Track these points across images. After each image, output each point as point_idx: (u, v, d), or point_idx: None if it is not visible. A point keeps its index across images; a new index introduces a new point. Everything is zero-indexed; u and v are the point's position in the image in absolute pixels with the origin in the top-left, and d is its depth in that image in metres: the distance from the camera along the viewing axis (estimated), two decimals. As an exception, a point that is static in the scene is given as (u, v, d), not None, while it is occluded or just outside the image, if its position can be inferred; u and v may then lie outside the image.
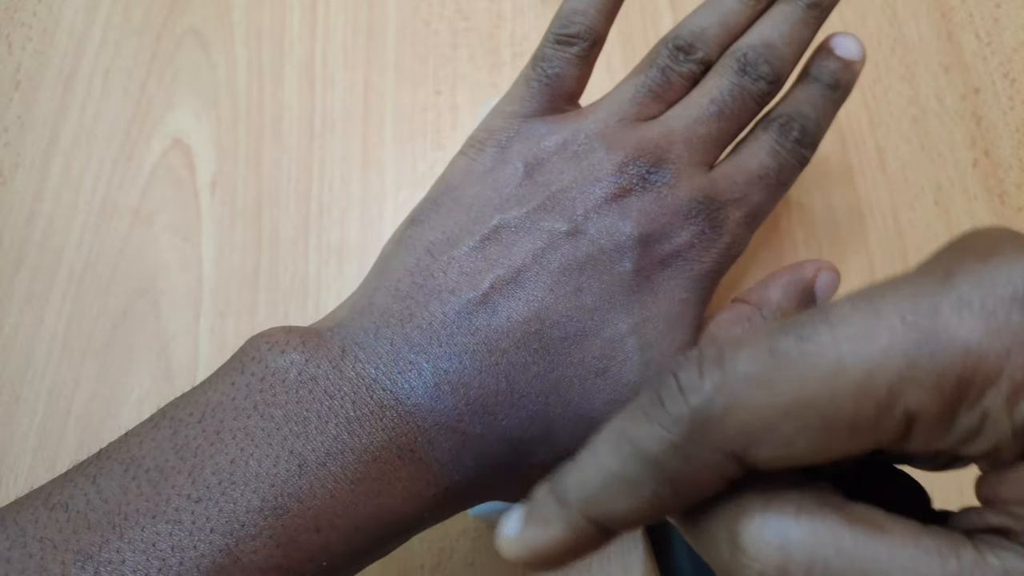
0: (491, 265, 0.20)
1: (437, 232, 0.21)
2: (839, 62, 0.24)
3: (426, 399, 0.18)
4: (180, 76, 0.36)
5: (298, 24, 0.37)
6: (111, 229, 0.33)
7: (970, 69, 0.35)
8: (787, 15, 0.24)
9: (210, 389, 0.18)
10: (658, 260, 0.21)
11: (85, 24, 0.37)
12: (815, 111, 0.24)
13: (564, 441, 0.20)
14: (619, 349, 0.20)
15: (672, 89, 0.23)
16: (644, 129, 0.22)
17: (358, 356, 0.19)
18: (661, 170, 0.22)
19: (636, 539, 0.28)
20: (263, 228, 0.33)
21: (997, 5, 0.36)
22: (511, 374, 0.19)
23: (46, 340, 0.31)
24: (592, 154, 0.22)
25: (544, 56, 0.23)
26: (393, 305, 0.20)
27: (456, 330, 0.19)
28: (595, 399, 0.20)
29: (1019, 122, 0.34)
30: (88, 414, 0.30)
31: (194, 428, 0.17)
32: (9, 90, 0.36)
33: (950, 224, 0.32)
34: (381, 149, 0.35)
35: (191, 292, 0.32)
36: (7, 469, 0.29)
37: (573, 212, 0.21)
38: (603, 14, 0.24)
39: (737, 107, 0.23)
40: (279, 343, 0.19)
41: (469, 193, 0.22)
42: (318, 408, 0.18)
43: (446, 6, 0.37)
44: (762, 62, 0.23)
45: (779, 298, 0.22)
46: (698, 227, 0.22)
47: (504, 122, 0.23)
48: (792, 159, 0.23)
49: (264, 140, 0.35)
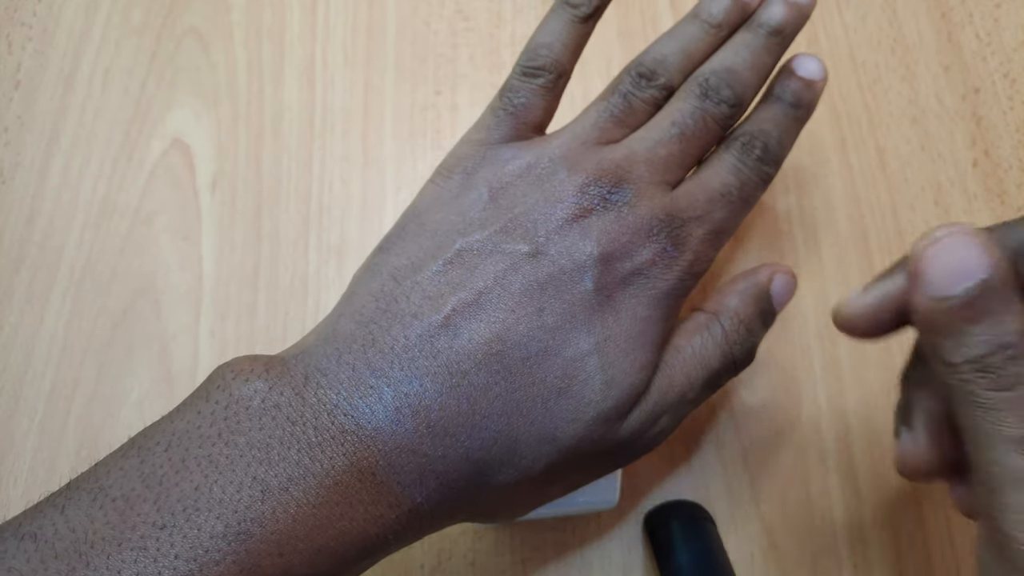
0: (453, 288, 0.20)
1: (402, 258, 0.21)
2: (800, 81, 0.25)
3: (387, 423, 0.19)
4: (180, 76, 0.36)
5: (298, 24, 0.37)
6: (111, 229, 0.33)
7: (970, 69, 0.35)
8: (748, 42, 0.25)
9: (177, 418, 0.19)
10: (619, 279, 0.21)
11: (85, 24, 0.37)
12: (777, 129, 0.24)
13: (528, 461, 0.20)
14: (580, 368, 0.20)
15: (634, 114, 0.24)
16: (606, 151, 0.23)
17: (320, 382, 0.19)
18: (622, 190, 0.22)
19: (636, 539, 0.28)
20: (263, 228, 0.33)
21: (997, 5, 0.36)
22: (472, 395, 0.19)
23: (46, 340, 0.31)
24: (554, 176, 0.22)
25: (511, 87, 0.24)
26: (356, 331, 0.20)
27: (418, 353, 0.20)
28: (558, 418, 0.20)
29: (1019, 122, 0.34)
30: (88, 414, 0.30)
31: (160, 456, 0.18)
32: (9, 89, 0.36)
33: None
34: (381, 149, 0.35)
35: (191, 292, 0.32)
36: (7, 469, 0.29)
37: (535, 233, 0.21)
38: (568, 48, 0.24)
39: (699, 129, 0.23)
40: (243, 372, 0.19)
41: (434, 219, 0.22)
42: (280, 434, 0.18)
43: (446, 6, 0.37)
44: (724, 86, 0.24)
45: (736, 304, 0.23)
46: (660, 245, 0.22)
47: (470, 149, 0.24)
48: (754, 176, 0.24)
49: (264, 140, 0.35)
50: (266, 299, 0.32)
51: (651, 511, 0.28)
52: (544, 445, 0.20)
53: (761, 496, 0.29)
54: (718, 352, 0.22)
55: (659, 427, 0.22)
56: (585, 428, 0.20)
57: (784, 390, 0.30)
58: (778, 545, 0.28)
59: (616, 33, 0.36)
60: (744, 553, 0.28)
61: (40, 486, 0.29)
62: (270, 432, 0.18)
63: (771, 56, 0.25)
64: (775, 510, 0.28)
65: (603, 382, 0.20)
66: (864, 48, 0.36)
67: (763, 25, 0.25)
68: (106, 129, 0.35)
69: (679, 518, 0.27)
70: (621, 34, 0.36)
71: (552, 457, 0.20)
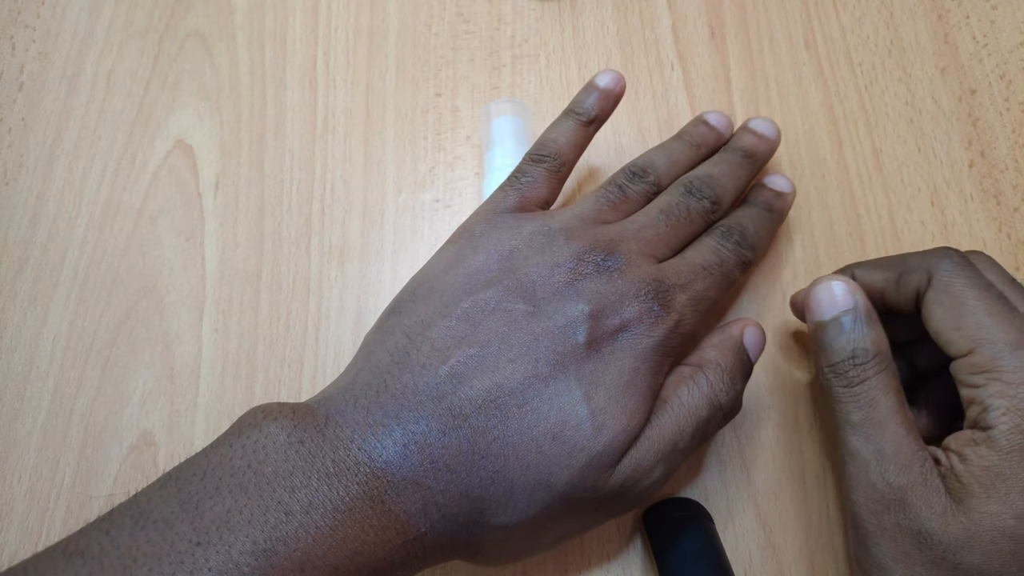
0: (459, 341, 0.23)
1: (414, 317, 0.24)
2: (771, 191, 0.30)
3: (395, 457, 0.21)
4: (183, 78, 0.36)
5: (300, 27, 0.37)
6: (114, 229, 0.34)
7: (966, 71, 0.35)
8: (727, 159, 0.29)
9: (211, 452, 0.21)
10: (608, 333, 0.24)
11: (88, 26, 0.37)
12: (753, 224, 0.28)
13: (523, 504, 0.22)
14: (572, 415, 0.22)
15: (628, 202, 0.27)
16: (602, 228, 0.26)
17: (338, 422, 0.21)
18: (614, 258, 0.25)
19: (634, 536, 0.28)
20: (265, 228, 0.34)
21: (993, 7, 0.36)
22: (472, 437, 0.22)
23: (50, 340, 0.32)
24: (554, 243, 0.25)
25: (520, 170, 0.28)
26: (372, 380, 0.23)
27: (425, 398, 0.22)
28: (551, 463, 0.22)
29: (1015, 123, 0.34)
30: (91, 413, 0.30)
31: (196, 485, 0.20)
32: (13, 91, 0.36)
33: (946, 225, 0.32)
34: (382, 150, 0.35)
35: (194, 292, 0.32)
36: (11, 468, 0.30)
37: (534, 294, 0.24)
38: (571, 144, 0.28)
39: (683, 217, 0.27)
40: (272, 412, 0.21)
41: (444, 280, 0.25)
42: (303, 466, 0.20)
43: (447, 9, 0.38)
44: (705, 187, 0.28)
45: (716, 356, 0.25)
46: (646, 304, 0.24)
47: (481, 218, 0.27)
48: (733, 256, 0.27)
49: (266, 141, 0.35)
50: (268, 299, 0.32)
51: (649, 508, 0.28)
52: (539, 491, 0.22)
53: (759, 494, 0.29)
54: (705, 401, 0.24)
55: (653, 477, 0.23)
56: (578, 473, 0.22)
57: (781, 389, 0.30)
58: (775, 543, 0.28)
59: (616, 33, 0.37)
60: (742, 550, 0.28)
61: (44, 483, 0.29)
62: (294, 464, 0.20)
63: (745, 171, 0.29)
64: (772, 508, 0.29)
65: (593, 427, 0.22)
66: (861, 49, 0.36)
67: (738, 149, 0.30)
68: (109, 131, 0.35)
69: (677, 515, 0.27)
70: (620, 35, 0.37)
71: (546, 502, 0.22)
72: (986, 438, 0.22)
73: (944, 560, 0.22)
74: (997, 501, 0.22)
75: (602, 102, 0.29)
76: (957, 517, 0.22)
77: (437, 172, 0.35)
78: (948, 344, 0.24)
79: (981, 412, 0.23)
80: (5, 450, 0.30)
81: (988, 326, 0.23)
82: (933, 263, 0.25)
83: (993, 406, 0.22)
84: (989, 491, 0.22)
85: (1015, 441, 0.22)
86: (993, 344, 0.23)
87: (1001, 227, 0.32)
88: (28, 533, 0.29)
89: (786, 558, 0.28)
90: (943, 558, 0.22)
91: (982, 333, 0.23)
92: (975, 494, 0.22)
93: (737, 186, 0.29)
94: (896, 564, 0.23)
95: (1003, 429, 0.22)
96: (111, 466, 0.30)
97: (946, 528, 0.22)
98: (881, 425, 0.23)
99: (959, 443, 0.23)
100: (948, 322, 0.24)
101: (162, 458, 0.30)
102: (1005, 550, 0.21)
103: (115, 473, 0.29)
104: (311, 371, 0.31)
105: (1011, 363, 0.23)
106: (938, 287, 0.24)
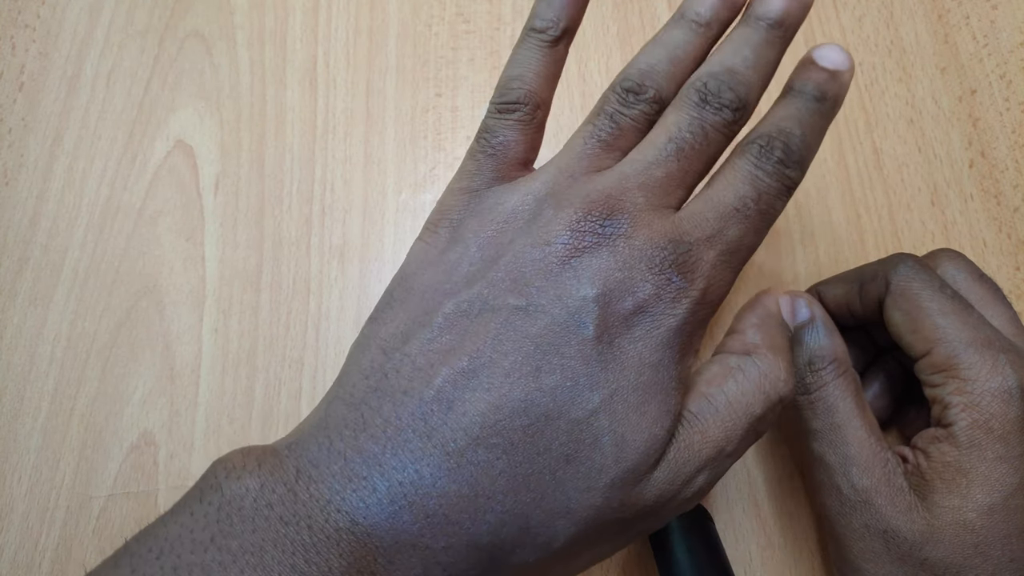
0: (443, 357, 0.19)
1: (390, 327, 0.20)
2: (824, 72, 0.22)
3: (382, 517, 0.17)
4: (183, 78, 0.36)
5: (300, 26, 0.37)
6: (114, 230, 0.34)
7: (966, 70, 0.35)
8: (748, 38, 0.22)
9: (170, 522, 0.17)
10: (621, 321, 0.19)
11: (88, 26, 0.37)
12: (800, 127, 0.21)
13: (544, 539, 0.18)
14: (586, 430, 0.18)
15: (624, 136, 0.22)
16: (595, 181, 0.20)
17: (312, 476, 0.18)
18: (615, 221, 0.20)
19: (636, 537, 0.28)
20: (265, 228, 0.34)
21: (994, 7, 0.36)
22: (473, 476, 0.18)
23: (50, 340, 0.32)
24: (540, 216, 0.20)
25: (487, 127, 0.22)
26: (348, 414, 0.19)
27: (412, 435, 0.18)
28: (569, 489, 0.18)
29: (1015, 123, 0.34)
30: (91, 413, 0.30)
31: (152, 565, 0.16)
32: (13, 91, 0.36)
33: (946, 225, 0.32)
34: (382, 150, 0.35)
35: (194, 292, 0.32)
36: (11, 468, 0.30)
37: (525, 284, 0.19)
38: (542, 77, 0.22)
39: (699, 142, 0.21)
40: (235, 468, 0.18)
41: (421, 280, 0.21)
42: (274, 537, 0.17)
43: (447, 9, 0.38)
44: (724, 89, 0.21)
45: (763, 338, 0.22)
46: (663, 276, 0.19)
47: (454, 199, 0.22)
48: (775, 183, 0.21)
49: (266, 141, 0.35)
50: (268, 299, 0.32)
51: (650, 509, 0.28)
52: (558, 520, 0.18)
53: (759, 494, 0.29)
54: (760, 397, 0.20)
55: (695, 486, 0.20)
56: (602, 496, 0.18)
57: (782, 389, 0.30)
58: (775, 543, 0.28)
59: (615, 34, 0.37)
60: (742, 551, 0.28)
61: (44, 483, 0.29)
62: (263, 534, 0.17)
63: (774, 51, 0.22)
64: (773, 508, 0.29)
65: (613, 443, 0.18)
66: (861, 49, 0.36)
67: (763, 18, 0.22)
68: (109, 131, 0.35)
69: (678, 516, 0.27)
70: (619, 35, 0.37)
71: (570, 532, 0.18)
72: (947, 435, 0.23)
73: (911, 556, 0.22)
74: (958, 495, 0.22)
75: (569, 7, 0.23)
76: (921, 513, 0.23)
77: (437, 172, 0.35)
78: (908, 346, 0.25)
79: (942, 410, 0.23)
80: (5, 450, 0.30)
81: (943, 326, 0.24)
82: (889, 269, 0.25)
83: (952, 403, 0.23)
84: (950, 486, 0.22)
85: (973, 436, 0.22)
86: (949, 343, 0.23)
87: (1001, 227, 0.32)
88: (28, 533, 0.29)
89: (786, 558, 0.28)
90: (909, 554, 0.22)
91: (938, 333, 0.24)
92: (937, 489, 0.23)
93: (765, 77, 0.22)
94: (867, 563, 0.23)
95: (962, 425, 0.23)
96: (111, 466, 0.30)
97: (911, 525, 0.22)
98: (841, 430, 0.24)
99: (924, 441, 0.24)
100: (906, 325, 0.24)
101: (162, 458, 0.30)
102: (967, 543, 0.22)
103: (115, 473, 0.29)
104: (311, 371, 0.31)
105: (966, 360, 0.23)
106: (895, 292, 0.25)
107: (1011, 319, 0.25)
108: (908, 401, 0.28)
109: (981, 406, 0.23)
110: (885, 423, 0.28)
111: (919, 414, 0.28)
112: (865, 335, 0.28)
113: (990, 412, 0.22)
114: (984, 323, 0.24)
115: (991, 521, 0.22)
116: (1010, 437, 0.22)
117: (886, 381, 0.28)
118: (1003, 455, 0.22)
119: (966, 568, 0.22)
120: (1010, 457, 0.22)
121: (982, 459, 0.22)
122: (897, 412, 0.28)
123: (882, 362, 0.29)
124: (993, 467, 0.22)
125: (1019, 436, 0.22)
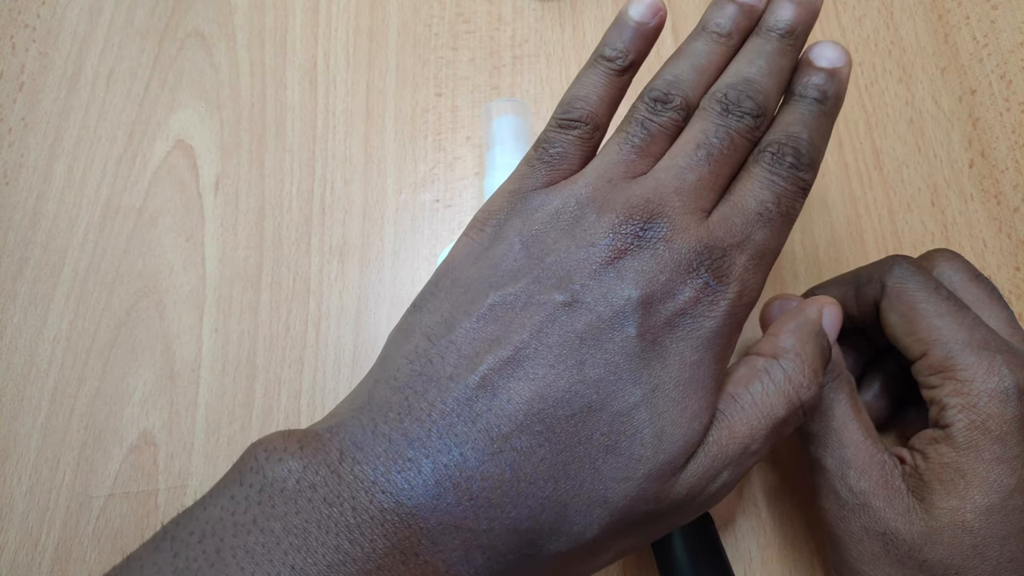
0: (489, 345, 0.19)
1: (435, 316, 0.21)
2: (822, 73, 0.23)
3: (427, 498, 0.18)
4: (183, 78, 0.36)
5: (300, 27, 0.37)
6: (114, 229, 0.34)
7: (966, 71, 0.35)
8: (761, 48, 0.24)
9: (210, 505, 0.18)
10: (663, 322, 0.20)
11: (88, 26, 0.37)
12: (807, 130, 0.23)
13: (579, 527, 0.19)
14: (628, 423, 0.19)
15: (655, 142, 0.23)
16: (633, 187, 0.22)
17: (356, 457, 0.18)
18: (655, 225, 0.21)
19: (635, 537, 0.28)
20: (265, 228, 0.34)
21: (994, 7, 0.36)
22: (515, 461, 0.18)
23: (50, 340, 0.32)
24: (583, 219, 0.21)
25: (547, 138, 0.23)
26: (392, 397, 0.19)
27: (456, 419, 0.18)
28: (608, 478, 0.19)
29: (1015, 123, 0.34)
30: (91, 413, 0.30)
31: (194, 549, 0.17)
32: (13, 91, 0.36)
33: (946, 225, 0.32)
34: (382, 150, 0.35)
35: (194, 292, 0.32)
36: (11, 468, 0.30)
37: (570, 281, 0.20)
38: (604, 101, 0.24)
39: (726, 148, 0.22)
40: (276, 450, 0.18)
41: (467, 273, 0.21)
42: (318, 518, 0.17)
43: (447, 9, 0.38)
44: (744, 98, 0.22)
45: (794, 344, 0.22)
46: (702, 280, 0.21)
47: (502, 200, 0.23)
48: (790, 187, 0.22)
49: (267, 141, 0.35)
50: (268, 299, 0.32)
51: (650, 509, 0.28)
52: (595, 509, 0.19)
53: (759, 494, 0.29)
54: (783, 399, 0.21)
55: (720, 483, 0.20)
56: (637, 487, 0.19)
57: (782, 389, 0.30)
58: (775, 543, 0.28)
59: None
60: (742, 550, 0.28)
61: (44, 483, 0.29)
62: (307, 516, 0.17)
63: (787, 59, 0.24)
64: (773, 507, 0.29)
65: (653, 435, 0.19)
66: (861, 50, 0.36)
67: (774, 28, 0.24)
68: (110, 131, 0.35)
69: (678, 516, 0.27)
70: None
71: (604, 521, 0.19)
72: (945, 436, 0.23)
73: (910, 558, 0.22)
74: (956, 497, 0.22)
75: (638, 41, 0.24)
76: (919, 515, 0.23)
77: (437, 172, 0.35)
78: (905, 348, 0.25)
79: (940, 411, 0.23)
80: (5, 450, 0.30)
81: (939, 327, 0.24)
82: (884, 272, 0.25)
83: (949, 404, 0.23)
84: (948, 487, 0.22)
85: (971, 438, 0.22)
86: (944, 344, 0.23)
87: (1001, 227, 0.32)
88: (28, 533, 0.29)
89: (786, 558, 0.28)
90: (909, 556, 0.22)
91: (933, 335, 0.24)
92: (936, 491, 0.23)
93: (781, 83, 0.23)
94: (865, 566, 0.23)
95: (959, 427, 0.23)
96: (111, 466, 0.30)
97: (909, 527, 0.22)
98: (837, 434, 0.24)
99: (922, 442, 0.24)
100: (902, 327, 0.24)
101: (162, 458, 0.30)
102: (966, 544, 0.22)
103: (115, 473, 0.30)
104: (311, 371, 0.31)
105: (963, 361, 0.23)
106: (890, 294, 0.25)
107: (1008, 319, 0.25)
108: (907, 402, 0.28)
109: (978, 407, 0.23)
110: (884, 424, 0.28)
111: (918, 415, 0.28)
112: (862, 337, 0.28)
113: (987, 413, 0.22)
114: (980, 324, 0.24)
115: (989, 522, 0.22)
116: (1008, 438, 0.22)
117: (884, 382, 0.28)
118: (1001, 456, 0.22)
119: (965, 569, 0.22)
120: (1008, 458, 0.22)
121: (980, 460, 0.22)
122: (896, 413, 0.28)
123: (880, 363, 0.29)
124: (991, 468, 0.22)
125: (1016, 437, 0.22)
